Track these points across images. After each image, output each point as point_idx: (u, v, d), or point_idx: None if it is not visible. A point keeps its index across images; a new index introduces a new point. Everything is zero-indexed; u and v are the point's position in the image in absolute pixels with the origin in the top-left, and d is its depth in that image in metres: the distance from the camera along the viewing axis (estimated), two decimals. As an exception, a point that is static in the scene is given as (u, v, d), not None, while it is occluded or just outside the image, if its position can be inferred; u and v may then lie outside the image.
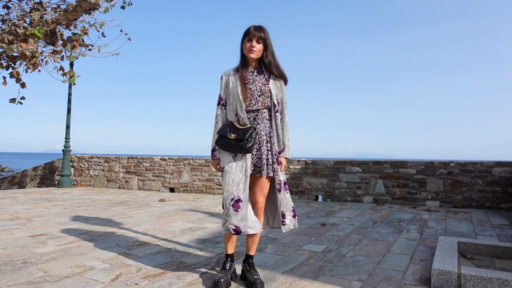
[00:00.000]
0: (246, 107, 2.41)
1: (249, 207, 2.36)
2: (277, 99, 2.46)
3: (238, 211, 2.29)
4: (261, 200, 2.43)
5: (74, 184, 9.51)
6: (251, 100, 2.41)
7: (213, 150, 2.51)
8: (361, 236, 3.88)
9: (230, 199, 2.31)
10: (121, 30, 5.70)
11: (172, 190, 8.53)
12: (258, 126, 2.42)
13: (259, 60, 2.48)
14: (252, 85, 2.43)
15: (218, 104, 2.55)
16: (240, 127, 2.37)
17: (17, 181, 10.42)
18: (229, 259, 2.47)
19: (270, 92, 2.44)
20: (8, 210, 5.37)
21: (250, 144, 2.31)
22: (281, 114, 2.50)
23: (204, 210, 5.69)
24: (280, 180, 2.45)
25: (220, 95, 2.55)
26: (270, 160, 2.41)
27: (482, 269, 2.28)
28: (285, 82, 2.54)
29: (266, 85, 2.43)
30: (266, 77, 2.45)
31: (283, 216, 2.46)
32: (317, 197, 7.22)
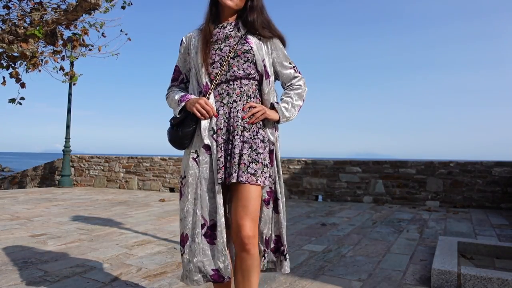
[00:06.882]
0: (210, 76, 1.57)
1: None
2: (266, 64, 1.61)
3: (214, 243, 1.51)
4: (248, 224, 1.46)
5: (74, 184, 9.52)
6: (221, 66, 1.55)
7: (180, 100, 1.61)
8: (361, 236, 3.89)
9: (199, 227, 1.51)
10: (121, 30, 5.71)
11: (172, 190, 8.53)
12: (234, 104, 1.56)
13: (238, 14, 1.64)
14: (223, 44, 1.58)
15: (173, 80, 1.74)
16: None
17: (17, 181, 10.43)
18: None
19: (253, 54, 1.57)
20: (8, 210, 5.37)
21: (186, 140, 1.58)
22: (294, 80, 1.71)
23: (204, 210, 5.69)
24: (270, 187, 1.59)
25: (176, 65, 1.73)
26: (246, 157, 1.50)
27: (481, 269, 2.29)
28: (283, 44, 1.68)
29: (245, 44, 1.58)
30: (246, 34, 1.62)
31: (278, 248, 1.63)
32: (317, 197, 7.23)
